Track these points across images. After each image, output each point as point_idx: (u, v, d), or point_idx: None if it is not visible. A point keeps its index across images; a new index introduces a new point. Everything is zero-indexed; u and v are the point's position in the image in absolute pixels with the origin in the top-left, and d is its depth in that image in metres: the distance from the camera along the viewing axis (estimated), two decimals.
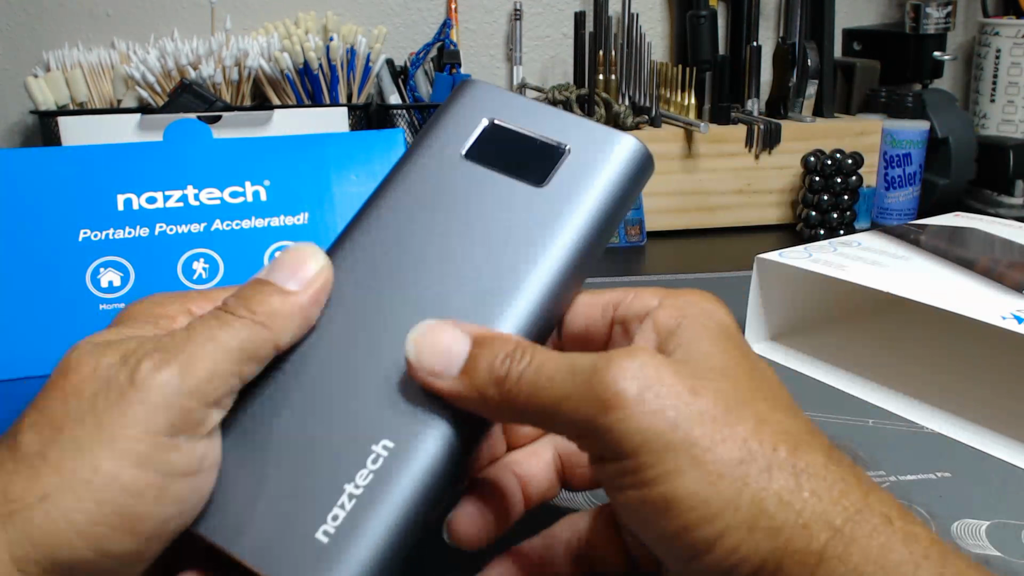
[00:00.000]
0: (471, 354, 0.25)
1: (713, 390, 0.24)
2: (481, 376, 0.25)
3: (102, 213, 0.41)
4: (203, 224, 0.42)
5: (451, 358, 0.25)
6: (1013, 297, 0.47)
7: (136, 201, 0.42)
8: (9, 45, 1.00)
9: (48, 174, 0.41)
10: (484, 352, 0.25)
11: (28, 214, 0.40)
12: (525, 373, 0.24)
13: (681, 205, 0.91)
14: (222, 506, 0.25)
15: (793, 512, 0.22)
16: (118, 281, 0.40)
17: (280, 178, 0.44)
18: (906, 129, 0.90)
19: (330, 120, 0.73)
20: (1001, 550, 0.35)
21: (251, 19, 1.03)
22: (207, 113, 0.80)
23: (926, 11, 1.01)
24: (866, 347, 0.56)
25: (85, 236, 0.41)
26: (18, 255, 0.39)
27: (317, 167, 0.45)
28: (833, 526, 0.22)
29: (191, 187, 0.43)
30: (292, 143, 0.45)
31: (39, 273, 0.39)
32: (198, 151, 0.44)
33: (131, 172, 0.42)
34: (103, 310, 0.40)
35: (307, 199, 0.44)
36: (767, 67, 1.04)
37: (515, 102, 0.31)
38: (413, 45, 1.05)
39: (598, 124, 0.30)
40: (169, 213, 0.42)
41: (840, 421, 0.47)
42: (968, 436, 0.45)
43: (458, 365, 0.25)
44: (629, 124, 0.90)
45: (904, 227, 0.63)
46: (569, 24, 0.99)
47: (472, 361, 0.25)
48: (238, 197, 0.43)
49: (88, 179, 0.42)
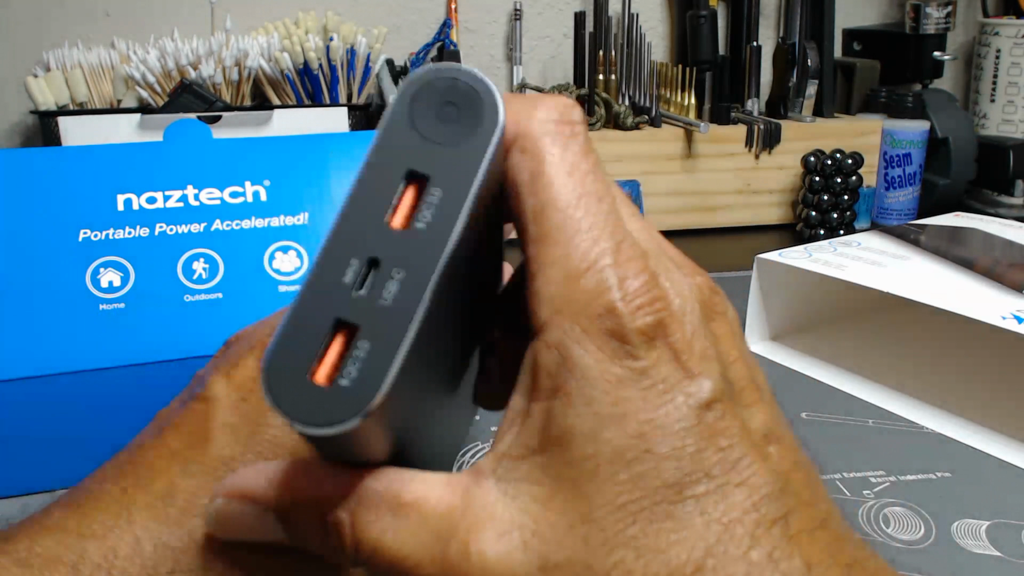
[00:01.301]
0: (288, 534, 0.22)
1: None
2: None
3: (102, 213, 0.41)
4: (203, 224, 0.42)
5: (267, 535, 0.22)
6: (1013, 297, 0.47)
7: (136, 201, 0.42)
8: (9, 45, 1.00)
9: (48, 174, 0.41)
10: (299, 533, 0.21)
11: (28, 214, 0.40)
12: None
13: (681, 205, 0.91)
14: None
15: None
16: (118, 281, 0.40)
17: (280, 178, 0.44)
18: (906, 129, 0.90)
19: (330, 120, 0.73)
20: (1001, 550, 0.35)
21: (251, 19, 1.03)
22: (207, 113, 0.80)
23: (926, 11, 1.01)
24: (866, 347, 0.56)
25: (85, 236, 0.41)
26: (19, 255, 0.39)
27: (317, 167, 0.45)
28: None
29: (191, 187, 0.43)
30: (291, 143, 0.45)
31: (39, 273, 0.39)
32: (198, 151, 0.44)
33: (131, 172, 0.42)
34: (103, 310, 0.40)
35: (307, 199, 0.44)
36: (767, 67, 1.04)
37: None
38: (413, 45, 1.05)
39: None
40: (169, 213, 0.42)
41: (840, 421, 0.47)
42: (968, 436, 0.45)
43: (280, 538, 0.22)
44: (629, 124, 0.90)
45: (904, 227, 0.63)
46: (569, 24, 0.99)
47: (293, 539, 0.22)
48: (238, 197, 0.43)
49: (88, 179, 0.42)
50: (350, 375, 0.17)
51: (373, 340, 0.18)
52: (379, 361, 0.17)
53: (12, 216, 0.40)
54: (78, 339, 0.39)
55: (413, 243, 0.18)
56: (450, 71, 0.19)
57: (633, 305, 0.20)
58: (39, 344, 0.38)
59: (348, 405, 0.17)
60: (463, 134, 0.19)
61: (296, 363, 0.17)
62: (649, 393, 0.20)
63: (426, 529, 0.20)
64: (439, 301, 0.19)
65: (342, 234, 0.18)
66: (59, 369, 0.38)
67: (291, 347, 0.18)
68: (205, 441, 0.25)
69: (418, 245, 0.18)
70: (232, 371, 0.26)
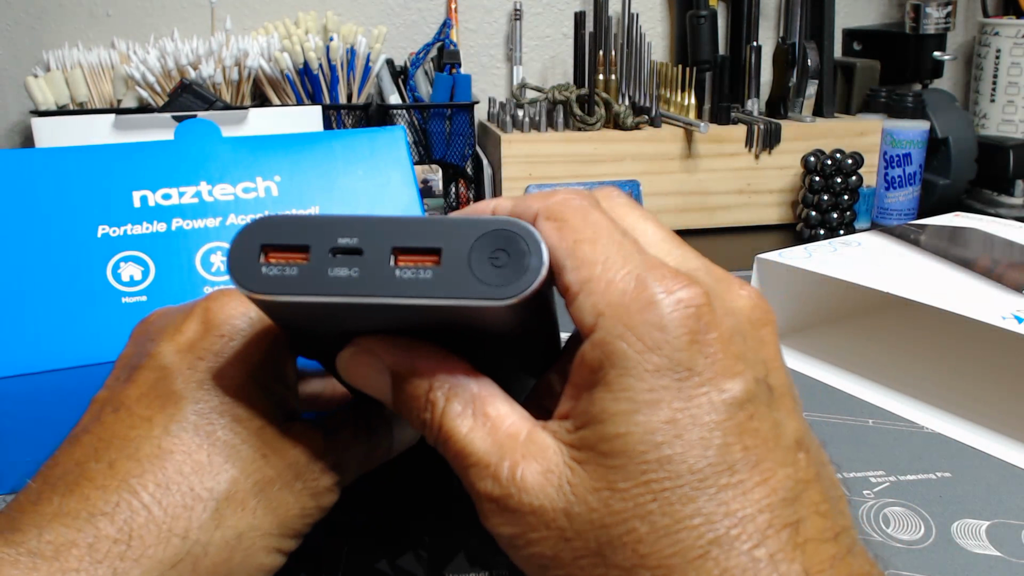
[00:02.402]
0: (394, 395, 0.25)
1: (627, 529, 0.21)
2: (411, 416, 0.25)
3: (119, 210, 0.42)
4: (218, 219, 0.44)
5: (378, 391, 0.25)
6: (1013, 297, 0.47)
7: (152, 198, 0.43)
8: (9, 45, 1.00)
9: (65, 172, 0.42)
10: (402, 397, 0.25)
11: (47, 211, 0.41)
12: (443, 424, 0.24)
13: (681, 205, 0.91)
14: None
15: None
16: (139, 275, 0.41)
17: (290, 173, 0.45)
18: (906, 129, 0.90)
19: (304, 120, 0.73)
20: (1001, 550, 0.35)
21: (251, 19, 1.03)
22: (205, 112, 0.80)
23: (926, 11, 1.01)
24: (866, 347, 0.56)
25: (104, 232, 0.41)
26: (41, 251, 0.40)
27: (325, 162, 0.46)
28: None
29: (204, 183, 0.44)
30: (301, 140, 0.46)
31: (62, 268, 0.40)
32: (209, 149, 0.45)
33: (145, 170, 0.43)
34: (125, 303, 0.41)
35: (316, 193, 0.45)
36: (767, 67, 1.04)
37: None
38: (413, 45, 1.05)
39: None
40: (184, 209, 0.43)
41: (840, 421, 0.47)
42: (968, 436, 0.45)
43: (388, 398, 0.25)
44: (629, 124, 0.90)
45: (904, 227, 0.63)
46: (569, 24, 0.99)
47: (396, 402, 0.25)
48: (251, 192, 0.45)
49: (103, 177, 0.43)
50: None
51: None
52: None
53: (32, 214, 0.41)
54: (103, 331, 0.40)
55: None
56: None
57: (673, 299, 0.22)
58: (65, 337, 0.39)
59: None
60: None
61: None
62: (684, 384, 0.21)
63: (492, 439, 0.23)
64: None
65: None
66: (85, 361, 0.39)
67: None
68: (178, 400, 0.26)
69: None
70: (176, 336, 0.27)
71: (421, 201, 0.46)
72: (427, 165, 0.93)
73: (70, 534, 0.23)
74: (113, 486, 0.24)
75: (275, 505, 0.26)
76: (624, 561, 0.21)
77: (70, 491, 0.24)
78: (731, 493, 0.21)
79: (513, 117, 0.92)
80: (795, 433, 0.23)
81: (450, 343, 0.25)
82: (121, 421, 0.26)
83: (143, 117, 0.75)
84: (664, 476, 0.21)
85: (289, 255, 0.22)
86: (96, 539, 0.23)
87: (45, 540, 0.23)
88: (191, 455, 0.25)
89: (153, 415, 0.26)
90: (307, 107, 0.75)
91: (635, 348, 0.21)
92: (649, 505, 0.21)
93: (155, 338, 0.28)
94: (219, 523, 0.25)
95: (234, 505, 0.25)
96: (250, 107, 0.80)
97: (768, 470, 0.21)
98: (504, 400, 0.24)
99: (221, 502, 0.25)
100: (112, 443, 0.25)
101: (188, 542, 0.24)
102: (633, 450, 0.21)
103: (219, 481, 0.25)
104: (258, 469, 0.26)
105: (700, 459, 0.21)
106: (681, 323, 0.21)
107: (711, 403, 0.21)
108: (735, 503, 0.21)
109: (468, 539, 0.35)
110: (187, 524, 0.24)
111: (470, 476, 0.23)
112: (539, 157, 0.88)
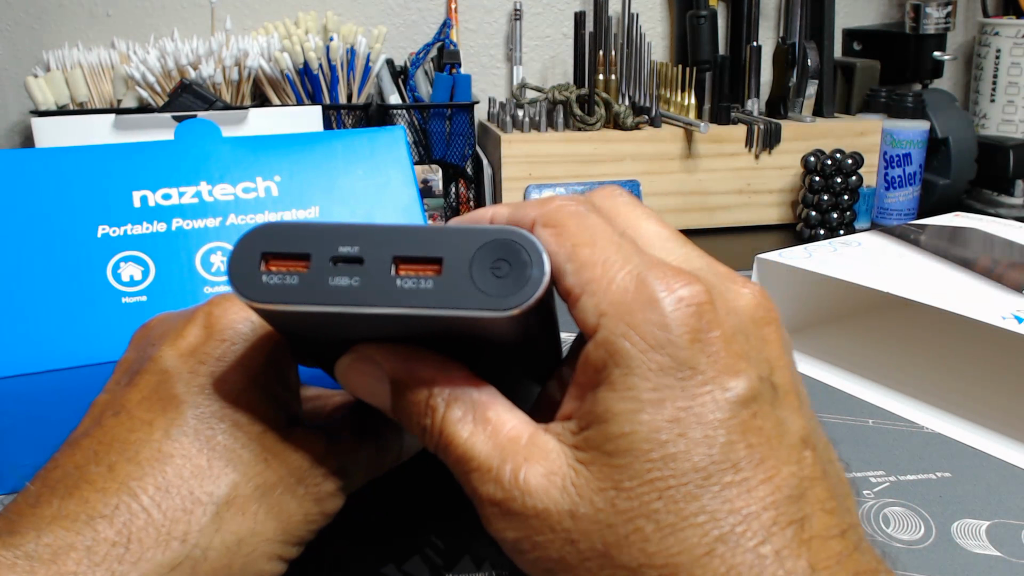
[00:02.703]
0: (393, 402, 0.25)
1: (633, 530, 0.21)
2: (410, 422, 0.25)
3: (119, 210, 0.42)
4: (218, 219, 0.43)
5: (378, 399, 0.25)
6: (1013, 297, 0.47)
7: (152, 198, 0.43)
8: (9, 45, 1.00)
9: (65, 172, 0.42)
10: (402, 404, 0.25)
11: (47, 211, 0.41)
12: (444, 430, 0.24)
13: (681, 205, 0.91)
14: None
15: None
16: (139, 275, 0.41)
17: (290, 173, 0.45)
18: (906, 129, 0.90)
19: (304, 120, 0.73)
20: (1001, 550, 0.35)
21: (251, 19, 1.03)
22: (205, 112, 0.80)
23: (926, 11, 1.01)
24: (866, 347, 0.56)
25: (104, 232, 0.41)
26: (41, 251, 0.40)
27: (325, 162, 0.46)
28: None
29: (204, 183, 0.44)
30: (300, 140, 0.46)
31: (62, 268, 0.40)
32: (208, 149, 0.45)
33: (144, 170, 0.43)
34: (126, 303, 0.41)
35: (317, 193, 0.45)
36: (767, 67, 1.04)
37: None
38: (413, 45, 1.05)
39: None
40: (184, 209, 0.43)
41: (840, 421, 0.47)
42: (968, 436, 0.45)
43: (388, 405, 0.25)
44: (629, 124, 0.90)
45: (904, 227, 0.63)
46: (569, 24, 0.99)
47: (396, 409, 0.25)
48: (251, 192, 0.44)
49: (103, 177, 0.43)
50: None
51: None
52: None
53: (31, 214, 0.41)
54: (103, 331, 0.40)
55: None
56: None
57: (674, 297, 0.22)
58: (65, 337, 0.39)
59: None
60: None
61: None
62: (688, 383, 0.21)
63: (494, 443, 0.23)
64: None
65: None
66: (85, 361, 0.39)
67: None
68: (179, 404, 0.26)
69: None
70: (178, 341, 0.27)
71: (421, 201, 0.46)
72: (427, 165, 0.93)
73: (68, 537, 0.23)
74: (112, 489, 0.24)
75: (277, 510, 0.26)
76: (631, 561, 0.21)
77: (69, 494, 0.24)
78: (736, 491, 0.21)
79: (513, 117, 0.92)
80: (800, 431, 0.23)
81: (451, 350, 0.25)
82: (121, 424, 0.26)
83: (143, 117, 0.75)
84: (669, 474, 0.21)
85: (289, 263, 0.22)
86: (94, 542, 0.23)
87: (43, 543, 0.23)
88: (191, 459, 0.25)
89: (154, 419, 0.26)
90: (307, 107, 0.75)
91: (638, 347, 0.21)
92: (655, 504, 0.21)
93: (156, 342, 0.28)
94: (219, 527, 0.25)
95: (235, 510, 0.25)
96: (250, 107, 0.80)
97: (772, 468, 0.21)
98: (505, 405, 0.24)
99: (221, 506, 0.25)
100: (112, 446, 0.25)
101: (187, 546, 0.24)
102: (638, 448, 0.21)
103: (219, 485, 0.25)
104: (259, 474, 0.26)
105: (704, 457, 0.21)
106: (683, 322, 0.21)
107: (715, 401, 0.21)
108: (740, 500, 0.21)
109: (473, 542, 0.35)
110: (186, 528, 0.24)
111: (472, 481, 0.23)
112: (539, 157, 0.88)
